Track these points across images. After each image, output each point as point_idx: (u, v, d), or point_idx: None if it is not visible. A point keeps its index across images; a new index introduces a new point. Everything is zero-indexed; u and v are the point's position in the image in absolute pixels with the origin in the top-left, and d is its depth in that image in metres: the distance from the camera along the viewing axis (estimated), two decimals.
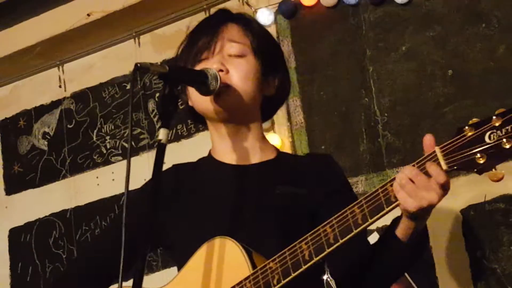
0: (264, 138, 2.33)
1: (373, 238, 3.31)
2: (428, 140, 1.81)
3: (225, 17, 2.28)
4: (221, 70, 2.16)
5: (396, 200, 1.82)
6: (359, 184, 3.50)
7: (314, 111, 3.69)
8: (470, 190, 3.22)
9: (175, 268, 2.28)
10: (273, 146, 2.36)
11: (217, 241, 2.05)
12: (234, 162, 2.25)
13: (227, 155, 2.26)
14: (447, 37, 3.44)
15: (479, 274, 3.22)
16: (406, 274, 3.24)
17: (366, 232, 2.18)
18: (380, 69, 3.56)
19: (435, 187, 1.77)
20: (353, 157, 3.55)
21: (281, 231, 2.11)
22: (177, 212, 2.23)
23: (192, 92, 2.22)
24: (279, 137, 3.69)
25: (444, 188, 1.79)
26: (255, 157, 2.27)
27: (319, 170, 2.25)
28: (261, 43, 2.25)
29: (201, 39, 2.23)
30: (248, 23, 2.27)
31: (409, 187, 1.79)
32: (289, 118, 3.73)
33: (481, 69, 3.35)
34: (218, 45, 2.20)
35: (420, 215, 1.87)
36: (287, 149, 3.69)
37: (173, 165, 2.34)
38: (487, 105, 3.29)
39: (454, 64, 3.41)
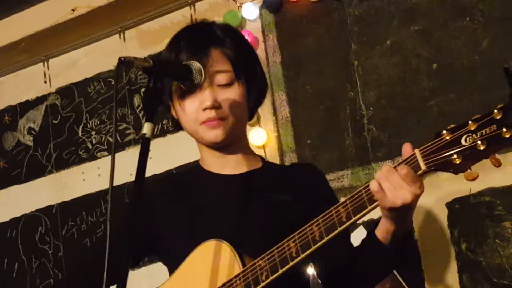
0: (249, 148, 2.39)
1: (359, 232, 3.32)
2: (407, 147, 1.89)
3: (207, 41, 2.27)
4: (215, 107, 2.20)
5: None
6: (345, 178, 3.51)
7: (299, 105, 3.69)
8: (455, 184, 3.22)
9: (161, 264, 2.30)
10: (258, 156, 2.42)
11: (210, 243, 2.10)
12: (223, 172, 2.31)
13: (215, 166, 2.32)
14: (432, 31, 3.44)
15: (465, 267, 3.23)
16: None
17: (349, 235, 2.25)
18: (365, 63, 3.56)
19: (408, 186, 1.84)
20: (339, 151, 3.56)
21: (271, 237, 2.13)
22: (170, 220, 2.27)
23: (181, 114, 2.26)
24: (265, 131, 3.69)
25: (418, 188, 1.86)
26: (243, 167, 2.32)
27: (304, 179, 2.31)
28: (242, 60, 2.27)
29: None
30: (227, 43, 2.27)
31: (385, 185, 1.86)
32: (275, 112, 3.74)
33: (465, 63, 3.36)
34: (206, 77, 2.17)
35: (398, 216, 1.92)
36: (273, 143, 3.70)
37: (163, 177, 2.39)
38: (472, 98, 3.30)
39: (439, 57, 3.41)
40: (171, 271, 2.23)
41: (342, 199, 1.94)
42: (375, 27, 3.57)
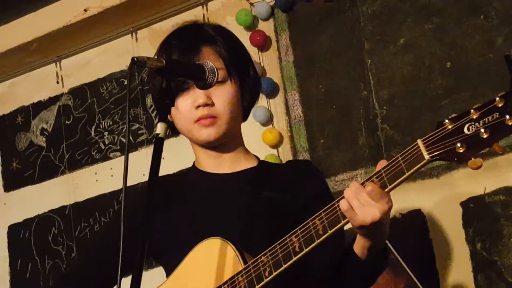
0: (244, 147, 2.40)
1: None
2: (382, 163, 1.90)
3: (198, 39, 2.28)
4: (208, 104, 2.22)
5: None
6: (359, 178, 3.50)
7: (312, 105, 3.68)
8: (469, 183, 3.21)
9: (157, 269, 2.30)
10: (253, 155, 2.42)
11: (209, 241, 2.10)
12: (218, 171, 2.32)
13: (211, 166, 2.34)
14: (446, 29, 3.42)
15: (479, 267, 3.22)
16: (406, 267, 3.24)
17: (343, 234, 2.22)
18: (379, 62, 3.55)
19: (375, 203, 1.84)
20: (352, 151, 3.55)
21: (268, 235, 2.14)
22: (166, 221, 2.27)
23: (175, 114, 2.28)
24: (278, 131, 3.69)
25: (386, 203, 1.86)
26: (239, 166, 2.33)
27: (300, 176, 2.31)
28: (234, 58, 2.28)
29: None
30: (219, 41, 2.28)
31: (354, 203, 1.86)
32: (288, 112, 3.73)
33: (480, 61, 3.34)
34: None
35: (370, 233, 1.92)
36: (286, 143, 3.69)
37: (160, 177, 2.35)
38: (486, 97, 3.23)
39: (453, 56, 3.40)
40: (169, 271, 2.22)
41: None
42: (388, 25, 3.55)
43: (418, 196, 3.30)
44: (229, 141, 2.31)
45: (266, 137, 3.66)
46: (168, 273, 2.23)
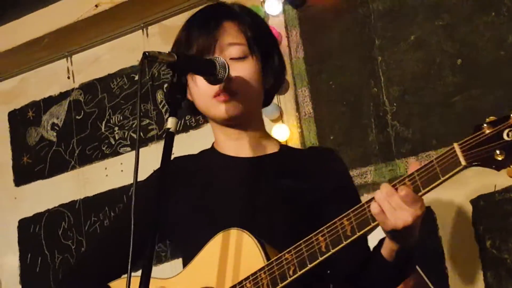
0: (265, 131, 2.34)
1: None
2: (413, 164, 1.86)
3: (220, 14, 2.24)
4: None
5: None
6: (368, 175, 3.50)
7: (322, 101, 3.68)
8: (479, 180, 3.21)
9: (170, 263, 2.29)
10: (275, 139, 2.37)
11: (231, 232, 2.05)
12: (237, 155, 2.26)
13: (230, 148, 2.27)
14: (456, 26, 3.42)
15: (489, 264, 3.21)
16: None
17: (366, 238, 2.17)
18: (389, 59, 3.55)
19: (408, 207, 1.81)
20: (362, 147, 3.54)
21: (286, 224, 2.12)
22: (181, 204, 2.23)
23: (194, 90, 2.23)
24: (288, 127, 3.69)
25: (419, 209, 1.83)
26: (258, 150, 2.27)
27: (322, 166, 2.24)
28: (258, 37, 2.22)
29: (199, 41, 2.20)
30: (242, 18, 2.24)
31: (386, 207, 1.83)
32: (298, 108, 3.73)
33: (490, 58, 3.33)
34: (217, 49, 2.17)
35: (400, 236, 1.89)
36: (296, 139, 3.69)
37: (175, 158, 2.31)
38: (497, 94, 3.27)
39: (463, 53, 3.39)
40: (187, 257, 2.18)
41: (365, 195, 1.93)
42: (399, 22, 3.55)
43: (428, 193, 3.30)
44: (248, 122, 2.24)
45: (276, 133, 3.66)
46: (186, 263, 2.19)
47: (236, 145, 2.26)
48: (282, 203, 2.16)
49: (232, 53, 2.18)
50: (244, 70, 2.17)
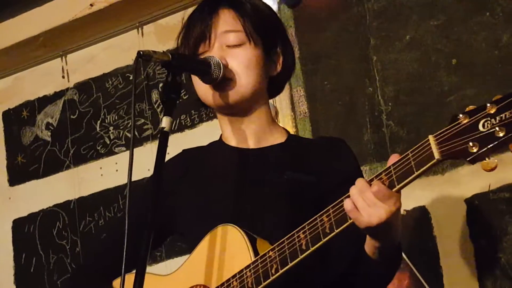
0: (273, 120, 2.31)
1: None
2: (393, 157, 1.79)
3: (217, 2, 2.23)
4: None
5: None
6: (363, 174, 3.49)
7: (318, 101, 3.68)
8: (474, 179, 3.20)
9: (178, 259, 2.29)
10: (283, 129, 2.34)
11: (220, 229, 2.05)
12: (242, 146, 2.24)
13: (235, 139, 2.25)
14: (451, 26, 3.42)
15: (484, 264, 3.21)
16: (410, 264, 3.24)
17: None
18: (384, 59, 3.55)
19: (382, 203, 1.75)
20: (357, 147, 3.53)
21: (288, 218, 2.09)
22: (186, 196, 2.23)
23: (195, 82, 2.22)
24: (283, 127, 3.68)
25: (393, 204, 1.76)
26: (265, 141, 2.25)
27: (330, 157, 2.21)
28: (259, 24, 2.21)
29: (195, 30, 2.21)
30: (240, 5, 2.22)
31: (359, 204, 1.77)
32: (293, 108, 3.72)
33: (485, 58, 3.33)
34: (213, 37, 2.17)
35: (377, 233, 1.84)
36: None
37: (183, 150, 2.34)
38: (492, 94, 3.24)
39: (458, 53, 3.39)
40: (190, 250, 2.17)
41: None
42: (394, 22, 3.55)
43: (423, 192, 3.30)
44: (250, 109, 2.22)
45: None
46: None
47: (240, 135, 2.24)
48: (284, 196, 2.14)
49: (229, 40, 2.17)
50: (240, 56, 2.16)
